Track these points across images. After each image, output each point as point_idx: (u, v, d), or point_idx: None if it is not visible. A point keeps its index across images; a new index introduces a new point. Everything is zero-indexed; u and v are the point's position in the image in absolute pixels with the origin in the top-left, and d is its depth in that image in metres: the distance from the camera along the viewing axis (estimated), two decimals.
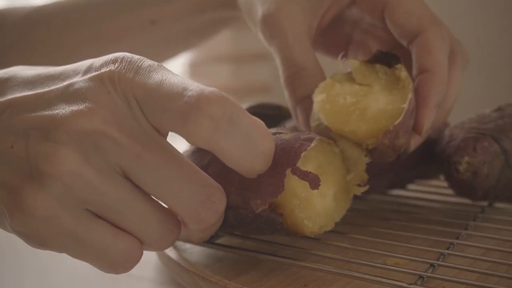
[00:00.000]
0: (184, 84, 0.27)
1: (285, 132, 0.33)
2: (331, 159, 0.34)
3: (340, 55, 0.38)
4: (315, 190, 0.31)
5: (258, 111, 0.49)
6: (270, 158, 0.30)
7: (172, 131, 0.28)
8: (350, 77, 0.37)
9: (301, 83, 0.39)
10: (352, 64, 0.37)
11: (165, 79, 0.28)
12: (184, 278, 0.35)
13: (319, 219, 0.33)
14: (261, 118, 0.50)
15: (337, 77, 0.37)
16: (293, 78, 0.39)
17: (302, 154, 0.31)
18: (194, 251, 0.38)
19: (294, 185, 0.31)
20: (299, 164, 0.31)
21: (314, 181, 0.31)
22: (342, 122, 0.35)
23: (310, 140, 0.32)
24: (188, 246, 0.39)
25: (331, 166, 0.34)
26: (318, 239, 0.35)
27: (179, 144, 0.29)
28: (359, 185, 0.35)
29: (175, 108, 0.27)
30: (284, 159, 0.31)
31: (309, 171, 0.31)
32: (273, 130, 0.34)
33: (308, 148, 0.31)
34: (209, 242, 0.36)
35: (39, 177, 0.26)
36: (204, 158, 0.34)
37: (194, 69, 1.23)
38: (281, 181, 0.31)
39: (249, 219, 0.32)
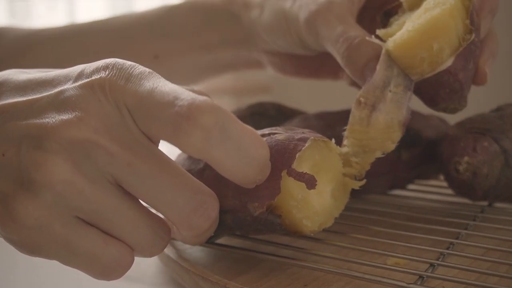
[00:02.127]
0: (175, 93, 0.27)
1: (279, 132, 0.33)
2: (326, 156, 0.34)
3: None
4: (312, 190, 0.31)
5: (258, 111, 0.49)
6: (265, 167, 0.30)
7: (163, 140, 0.28)
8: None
9: (358, 53, 0.39)
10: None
11: (156, 87, 0.28)
12: (184, 278, 0.35)
13: (318, 218, 0.33)
14: (261, 118, 0.50)
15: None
16: (349, 51, 0.39)
17: (297, 155, 0.31)
18: (194, 251, 0.38)
19: (291, 186, 0.31)
20: (295, 165, 0.31)
21: (310, 182, 0.31)
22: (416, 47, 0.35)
23: (305, 140, 0.32)
24: (188, 246, 0.39)
25: (327, 163, 0.34)
26: (318, 239, 0.35)
27: (174, 148, 0.29)
28: (356, 179, 0.35)
29: (166, 117, 0.27)
30: (279, 161, 0.31)
31: (304, 172, 0.31)
32: (267, 130, 0.34)
33: (303, 148, 0.31)
34: (209, 242, 0.36)
35: (30, 186, 0.26)
36: (200, 162, 0.34)
37: None
38: (277, 183, 0.31)
39: (247, 222, 0.32)
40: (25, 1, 1.30)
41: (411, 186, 0.48)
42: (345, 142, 0.36)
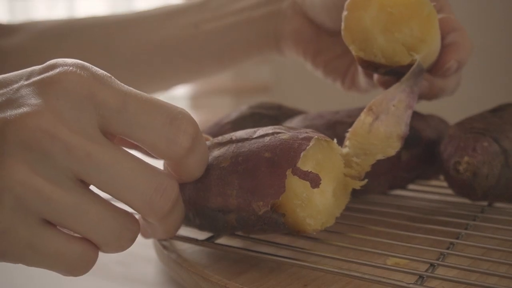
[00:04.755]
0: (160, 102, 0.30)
1: (283, 132, 0.33)
2: (329, 156, 0.34)
3: None
4: (316, 189, 0.31)
5: (258, 111, 0.49)
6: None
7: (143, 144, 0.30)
8: None
9: None
10: None
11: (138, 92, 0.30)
12: (184, 278, 0.35)
13: (321, 216, 0.33)
14: (261, 118, 0.50)
15: None
16: None
17: (302, 154, 0.31)
18: (194, 251, 0.38)
19: (295, 185, 0.31)
20: (299, 164, 0.31)
21: (314, 180, 0.31)
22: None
23: (308, 139, 0.32)
24: (188, 246, 0.39)
25: (329, 163, 0.34)
26: (318, 239, 0.35)
27: None
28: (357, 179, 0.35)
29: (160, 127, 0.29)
30: (284, 159, 0.31)
31: (309, 170, 0.31)
32: (270, 129, 0.34)
33: (307, 147, 0.31)
34: (209, 242, 0.36)
35: None
36: None
37: None
38: (282, 182, 0.31)
39: (251, 221, 0.32)
40: (25, 1, 1.30)
41: (411, 186, 0.48)
42: (346, 143, 0.36)
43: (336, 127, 0.44)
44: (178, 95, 1.47)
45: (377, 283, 0.30)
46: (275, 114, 0.50)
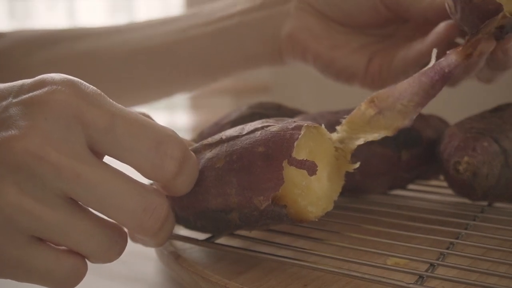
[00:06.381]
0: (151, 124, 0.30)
1: (272, 124, 0.33)
2: (319, 142, 0.34)
3: None
4: (313, 176, 0.32)
5: (258, 111, 0.49)
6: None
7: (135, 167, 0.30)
8: None
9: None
10: None
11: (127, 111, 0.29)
12: (184, 278, 0.35)
13: (321, 202, 0.33)
14: (261, 118, 0.51)
15: None
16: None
17: (295, 143, 0.31)
18: (194, 251, 0.38)
19: (293, 175, 0.31)
20: (294, 154, 0.31)
21: (311, 168, 0.31)
22: None
23: (299, 128, 0.32)
24: (188, 246, 0.39)
25: (321, 149, 0.34)
26: (318, 239, 0.35)
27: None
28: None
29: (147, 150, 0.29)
30: (278, 151, 0.31)
31: (305, 159, 0.31)
32: (259, 123, 0.34)
33: (299, 136, 0.32)
34: (209, 242, 0.36)
35: None
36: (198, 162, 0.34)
37: None
38: (279, 174, 0.31)
39: (254, 217, 0.33)
40: (25, 1, 1.30)
41: (411, 186, 0.48)
42: (338, 127, 0.36)
43: (336, 128, 0.44)
44: (178, 95, 1.47)
45: (377, 283, 0.30)
46: (275, 114, 0.50)
